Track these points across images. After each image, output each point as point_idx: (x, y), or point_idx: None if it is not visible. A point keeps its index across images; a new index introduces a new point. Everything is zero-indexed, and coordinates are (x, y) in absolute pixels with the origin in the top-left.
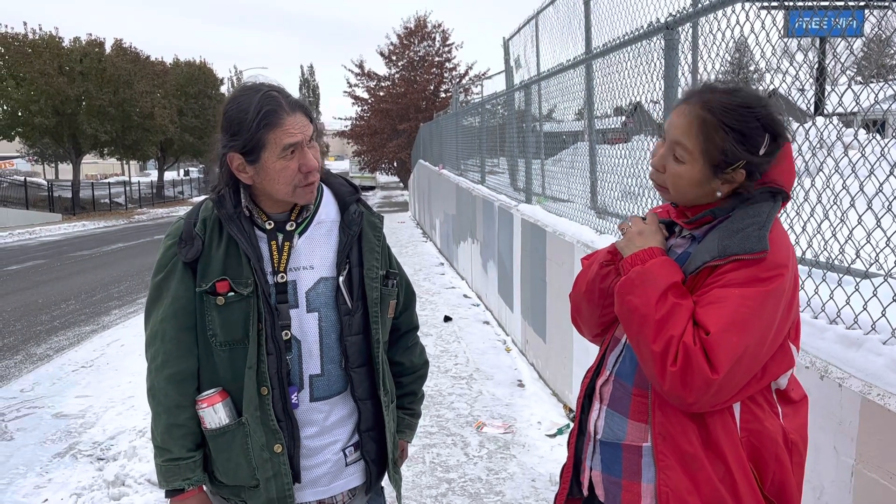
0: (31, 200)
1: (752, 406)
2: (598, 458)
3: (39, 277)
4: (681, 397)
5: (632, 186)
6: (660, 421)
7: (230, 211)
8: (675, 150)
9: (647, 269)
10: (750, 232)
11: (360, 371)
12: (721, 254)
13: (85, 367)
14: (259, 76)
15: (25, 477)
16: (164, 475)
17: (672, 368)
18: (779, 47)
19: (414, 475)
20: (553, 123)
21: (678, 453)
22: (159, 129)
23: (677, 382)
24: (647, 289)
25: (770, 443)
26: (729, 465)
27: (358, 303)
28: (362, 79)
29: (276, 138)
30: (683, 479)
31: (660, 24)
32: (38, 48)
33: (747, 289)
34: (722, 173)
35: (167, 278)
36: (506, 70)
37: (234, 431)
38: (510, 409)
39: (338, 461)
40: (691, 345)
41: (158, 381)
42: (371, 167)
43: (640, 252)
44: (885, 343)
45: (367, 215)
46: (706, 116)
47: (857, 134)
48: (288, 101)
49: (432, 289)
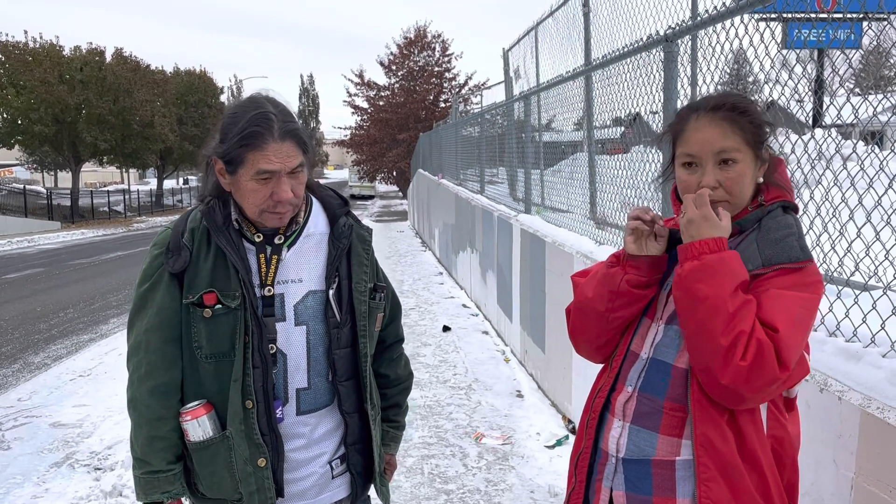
0: (30, 208)
1: (776, 412)
2: (622, 478)
3: (38, 286)
4: (738, 393)
5: (631, 197)
6: (701, 432)
7: (219, 222)
8: (723, 156)
9: (725, 259)
10: (790, 242)
11: (348, 385)
12: (766, 262)
13: (83, 376)
14: (271, 90)
15: (22, 487)
16: (143, 488)
17: (741, 363)
18: (777, 59)
19: (413, 486)
20: (552, 134)
21: (720, 464)
22: (159, 138)
23: (742, 377)
24: (722, 280)
25: (790, 448)
26: (763, 472)
27: (346, 316)
28: (362, 88)
29: (254, 159)
30: (724, 491)
31: (659, 36)
32: (38, 56)
33: (801, 293)
34: (761, 152)
35: (153, 288)
36: (505, 80)
37: (218, 445)
38: (509, 420)
39: (324, 474)
40: (766, 341)
41: (140, 393)
42: (370, 176)
43: (712, 240)
44: (884, 356)
45: (357, 228)
46: (727, 112)
47: (856, 147)
48: (281, 128)
49: (431, 298)
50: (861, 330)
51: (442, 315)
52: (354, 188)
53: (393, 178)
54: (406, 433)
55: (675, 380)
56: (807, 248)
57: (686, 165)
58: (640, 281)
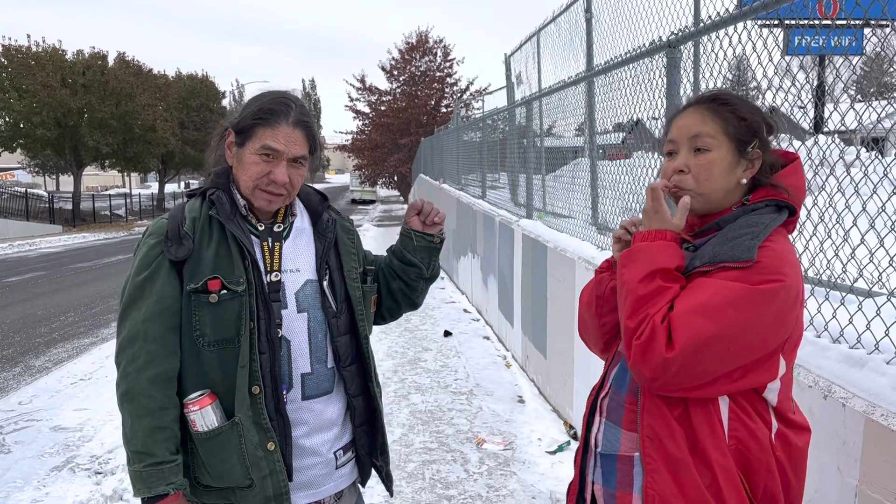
0: (32, 212)
1: (740, 413)
2: (599, 472)
3: (39, 289)
4: (641, 373)
5: (632, 203)
6: (648, 423)
7: (228, 211)
8: (697, 142)
9: (649, 247)
10: (742, 241)
11: (352, 369)
12: (711, 260)
13: (84, 379)
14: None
15: (23, 490)
16: (146, 481)
17: (636, 342)
18: (780, 66)
19: (414, 492)
20: (554, 139)
21: (665, 457)
22: (161, 142)
23: (639, 356)
24: (639, 265)
25: (759, 451)
26: (715, 471)
27: (342, 304)
28: (364, 93)
29: (263, 135)
30: (670, 484)
31: (662, 42)
32: (41, 60)
33: (729, 282)
34: (744, 153)
35: (151, 277)
36: (507, 86)
37: (228, 432)
38: (510, 426)
39: (329, 462)
40: (658, 322)
41: (140, 383)
42: (371, 181)
43: (652, 231)
44: (888, 363)
45: (340, 221)
46: (715, 106)
47: (860, 153)
48: (296, 115)
49: (432, 303)
50: (865, 337)
51: (443, 320)
52: (356, 193)
53: (394, 182)
54: (407, 438)
55: None
56: (755, 249)
57: (668, 154)
58: None
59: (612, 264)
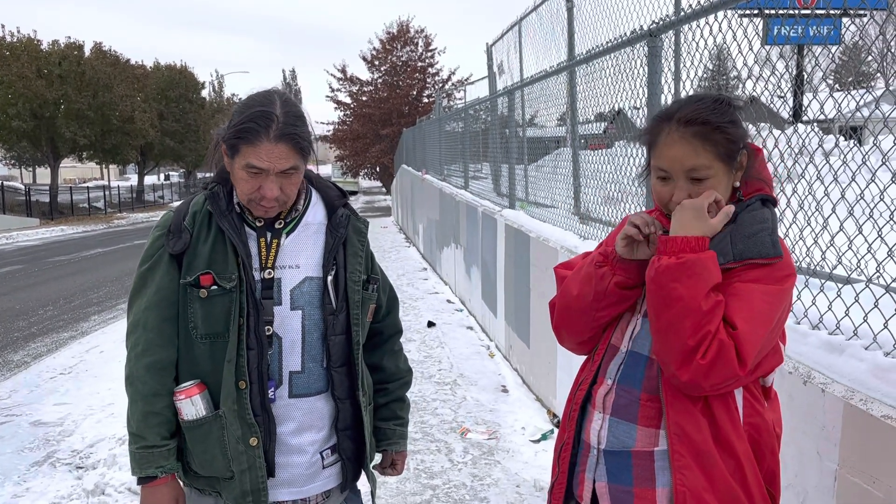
0: (8, 205)
1: (751, 400)
2: (603, 469)
3: (17, 283)
4: (698, 386)
5: (613, 192)
6: (674, 420)
7: (223, 207)
8: (693, 174)
9: (703, 261)
10: (762, 237)
11: (341, 371)
12: (737, 257)
13: (63, 374)
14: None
15: (3, 486)
16: (138, 462)
17: (701, 362)
18: (760, 55)
19: (398, 482)
20: (536, 129)
21: (693, 451)
22: (139, 133)
23: (702, 374)
24: (698, 282)
25: (767, 434)
26: (739, 458)
27: (342, 303)
28: (345, 83)
29: (245, 152)
30: (700, 478)
31: (643, 31)
32: (15, 51)
33: (767, 285)
34: (734, 163)
35: (153, 268)
36: (489, 76)
37: (211, 423)
38: (494, 415)
39: (314, 462)
40: (726, 340)
41: (137, 369)
42: (353, 172)
43: (693, 239)
44: (867, 348)
45: (354, 220)
46: (698, 128)
47: (839, 142)
48: (279, 130)
49: (415, 294)
50: (844, 323)
51: (426, 310)
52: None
53: (376, 173)
54: None
55: (650, 371)
56: (778, 243)
57: (660, 178)
58: (629, 283)
59: (607, 258)
